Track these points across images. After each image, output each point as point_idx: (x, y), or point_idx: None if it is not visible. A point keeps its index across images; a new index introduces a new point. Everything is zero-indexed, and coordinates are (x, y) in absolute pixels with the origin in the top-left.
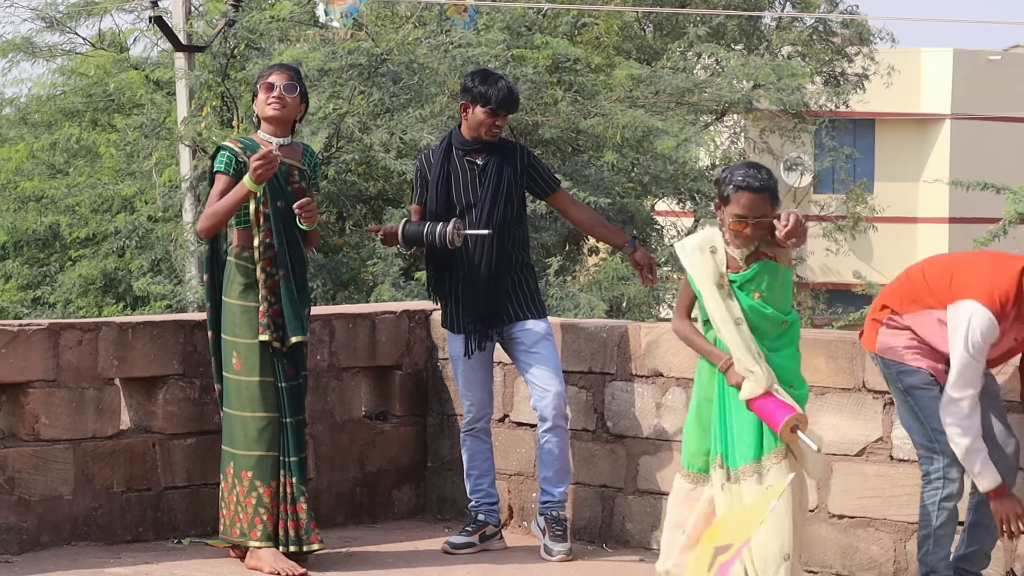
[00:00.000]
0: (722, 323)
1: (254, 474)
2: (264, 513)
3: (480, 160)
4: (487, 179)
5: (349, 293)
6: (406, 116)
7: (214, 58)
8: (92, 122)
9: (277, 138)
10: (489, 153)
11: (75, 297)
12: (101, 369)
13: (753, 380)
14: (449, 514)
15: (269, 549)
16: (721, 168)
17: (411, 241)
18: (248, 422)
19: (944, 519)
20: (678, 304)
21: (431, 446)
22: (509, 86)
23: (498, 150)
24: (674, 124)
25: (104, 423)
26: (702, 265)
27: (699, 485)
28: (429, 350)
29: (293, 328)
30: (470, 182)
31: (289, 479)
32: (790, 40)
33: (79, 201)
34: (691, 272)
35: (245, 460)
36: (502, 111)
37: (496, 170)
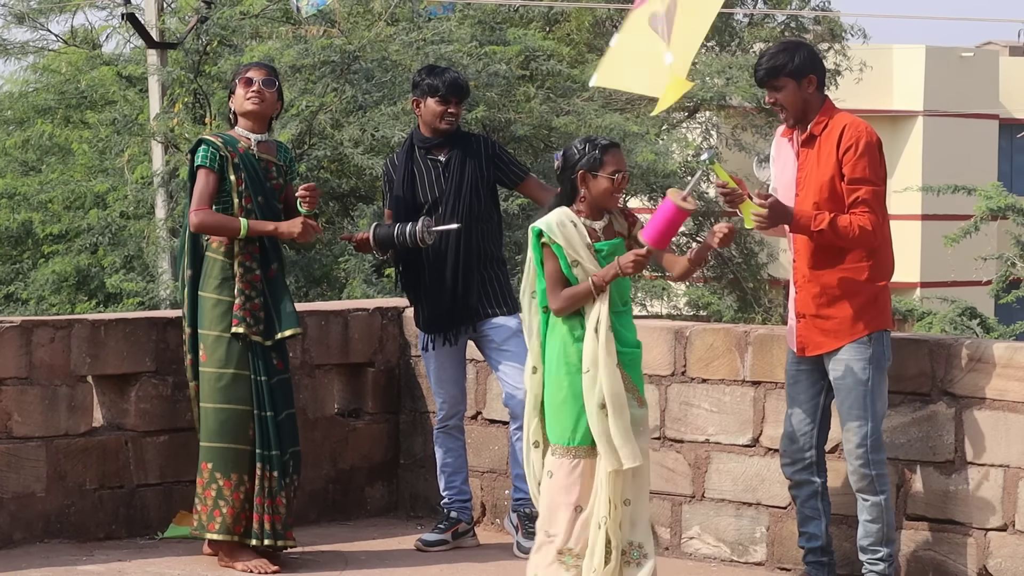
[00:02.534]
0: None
1: (213, 465)
2: (224, 506)
3: (443, 156)
4: (450, 174)
5: (322, 290)
6: (378, 113)
7: (186, 55)
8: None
9: (255, 134)
10: (451, 148)
11: (48, 294)
12: (74, 366)
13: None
14: (422, 511)
15: (236, 544)
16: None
17: (383, 244)
18: (210, 413)
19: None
20: (549, 286)
21: (404, 443)
22: (456, 74)
23: (460, 144)
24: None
25: (77, 420)
26: (575, 235)
27: (578, 459)
28: (402, 347)
29: (289, 321)
30: (434, 180)
31: (269, 473)
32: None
33: (51, 198)
34: (566, 242)
35: (205, 451)
36: (453, 98)
37: (459, 164)
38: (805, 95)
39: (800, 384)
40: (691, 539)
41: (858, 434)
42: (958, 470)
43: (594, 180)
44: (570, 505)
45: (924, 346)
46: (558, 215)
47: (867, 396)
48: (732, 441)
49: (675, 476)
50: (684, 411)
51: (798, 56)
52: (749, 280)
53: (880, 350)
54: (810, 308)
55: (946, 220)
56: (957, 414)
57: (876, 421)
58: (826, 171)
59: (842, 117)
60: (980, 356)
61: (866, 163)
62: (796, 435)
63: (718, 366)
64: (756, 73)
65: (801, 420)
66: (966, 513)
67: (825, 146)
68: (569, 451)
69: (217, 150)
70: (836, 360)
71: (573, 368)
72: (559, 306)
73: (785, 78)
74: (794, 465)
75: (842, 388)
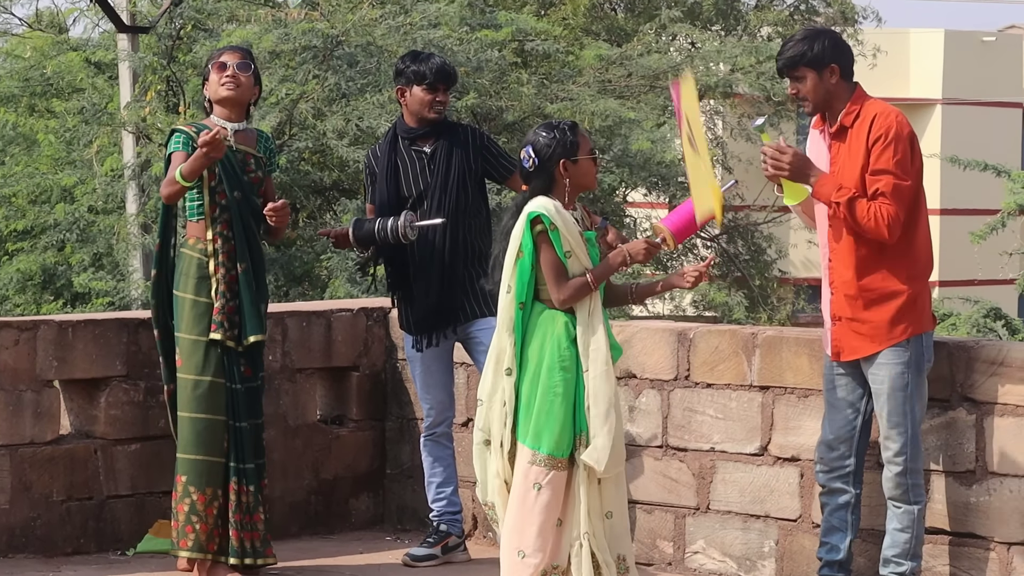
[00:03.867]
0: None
1: (188, 479)
2: (197, 522)
3: (428, 147)
4: (436, 166)
5: (303, 289)
6: (363, 102)
7: (159, 39)
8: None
9: (232, 123)
10: (437, 138)
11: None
12: (39, 370)
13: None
14: (410, 524)
15: (212, 561)
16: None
17: (363, 241)
18: (186, 423)
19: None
20: (553, 275)
21: (390, 452)
22: (443, 60)
23: (446, 134)
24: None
25: (43, 428)
26: (571, 221)
27: (563, 470)
28: (388, 350)
29: (252, 327)
30: (419, 172)
31: (245, 487)
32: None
33: (15, 192)
34: (564, 228)
35: (181, 463)
36: (440, 85)
37: (445, 155)
38: (827, 85)
39: (839, 390)
40: (695, 553)
41: (898, 441)
42: (979, 480)
43: (575, 165)
44: (554, 519)
45: (943, 349)
46: (548, 201)
47: (907, 402)
48: (739, 450)
49: (678, 487)
50: (688, 418)
51: (818, 44)
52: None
53: (919, 352)
54: (846, 311)
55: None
56: (978, 421)
57: (916, 427)
58: (856, 163)
59: (873, 105)
60: (1002, 360)
61: (891, 154)
62: (836, 443)
63: (724, 370)
64: (777, 63)
65: (841, 427)
66: (988, 526)
67: (856, 137)
68: (559, 462)
69: (190, 138)
70: (875, 364)
71: (570, 372)
72: (566, 296)
73: (805, 68)
74: (831, 473)
75: (881, 394)
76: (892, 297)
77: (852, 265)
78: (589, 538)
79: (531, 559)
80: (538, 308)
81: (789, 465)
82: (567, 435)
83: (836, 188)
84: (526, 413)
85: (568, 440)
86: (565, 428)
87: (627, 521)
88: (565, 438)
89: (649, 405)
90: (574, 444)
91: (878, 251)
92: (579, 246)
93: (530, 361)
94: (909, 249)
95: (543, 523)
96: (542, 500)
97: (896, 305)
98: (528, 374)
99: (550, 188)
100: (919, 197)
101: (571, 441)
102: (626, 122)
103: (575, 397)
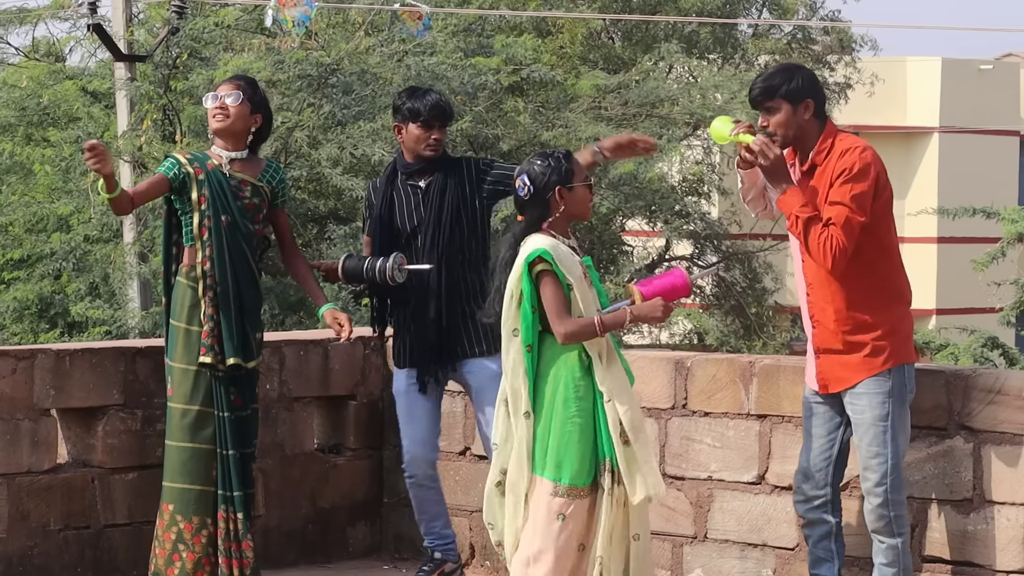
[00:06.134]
0: (586, 310)
1: (175, 507)
2: (184, 550)
3: (423, 182)
4: (430, 201)
5: (299, 317)
6: (357, 130)
7: (156, 68)
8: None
9: (229, 152)
10: (433, 174)
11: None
12: (37, 399)
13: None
14: (407, 553)
15: None
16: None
17: (352, 277)
18: (173, 452)
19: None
20: (556, 310)
21: (387, 480)
22: (439, 97)
23: (444, 169)
24: None
25: (40, 457)
26: (568, 256)
27: (585, 498)
28: (385, 378)
29: (230, 348)
30: (414, 207)
31: (234, 515)
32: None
33: (12, 220)
34: (568, 269)
35: (168, 492)
36: (436, 122)
37: (439, 191)
38: (800, 120)
39: (816, 418)
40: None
41: (877, 472)
42: (977, 509)
43: (571, 192)
44: (576, 546)
45: (940, 377)
46: (544, 239)
47: (886, 432)
48: (736, 478)
49: (676, 515)
50: (685, 446)
51: (796, 79)
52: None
53: (901, 383)
54: (829, 343)
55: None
56: (975, 449)
57: (897, 459)
58: (824, 198)
59: (843, 141)
60: (1000, 388)
61: (849, 188)
62: (811, 471)
63: (721, 398)
64: (751, 93)
65: (817, 456)
66: (985, 555)
67: (824, 174)
68: (581, 491)
69: (179, 164)
70: (854, 395)
71: (586, 401)
72: (569, 330)
73: (780, 100)
74: (808, 503)
75: (860, 424)
76: (870, 328)
77: (830, 298)
78: (603, 562)
79: None
80: (547, 342)
81: (786, 494)
82: (587, 463)
83: (801, 204)
84: (542, 447)
85: (588, 468)
86: (585, 456)
87: (650, 543)
88: (585, 466)
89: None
90: (598, 471)
91: (854, 282)
92: (579, 280)
93: (544, 398)
94: (883, 280)
95: (562, 551)
96: (567, 530)
97: (875, 335)
98: (544, 411)
99: (545, 216)
100: (888, 228)
101: (592, 468)
102: None
103: (594, 424)
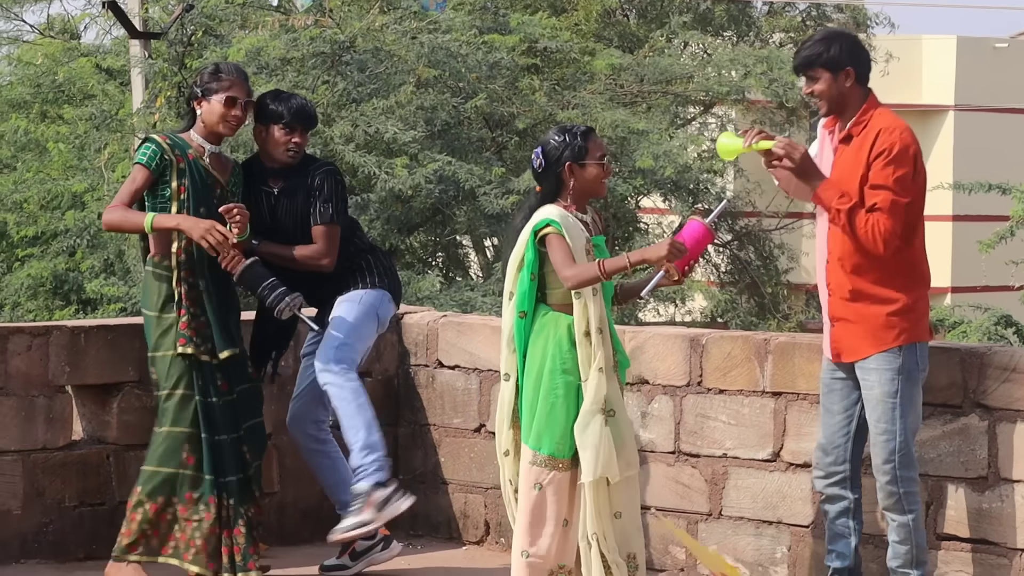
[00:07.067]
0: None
1: (143, 489)
2: (149, 529)
3: (277, 187)
4: (279, 207)
5: None
6: (370, 107)
7: (170, 46)
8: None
9: (210, 145)
10: (287, 178)
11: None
12: (52, 376)
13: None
14: (422, 529)
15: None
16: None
17: (246, 285)
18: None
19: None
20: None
21: (402, 457)
22: (304, 101)
23: (299, 174)
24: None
25: (55, 433)
26: (576, 228)
27: (565, 471)
28: (400, 356)
29: (220, 342)
30: (266, 211)
31: (225, 501)
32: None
33: (27, 198)
34: (572, 237)
35: (142, 474)
36: (298, 126)
37: (288, 196)
38: (842, 88)
39: (835, 393)
40: None
41: (885, 449)
42: (992, 487)
43: (582, 169)
44: (559, 520)
45: (955, 355)
46: (555, 209)
47: (895, 409)
48: (751, 456)
49: (691, 493)
50: (700, 424)
51: (836, 47)
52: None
53: (912, 361)
54: (842, 311)
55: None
56: (991, 427)
57: (906, 436)
58: (856, 174)
59: (880, 118)
60: (1015, 366)
61: (892, 171)
62: (829, 447)
63: (736, 376)
64: (793, 61)
65: (835, 432)
66: (1001, 533)
67: (860, 148)
68: (560, 463)
69: (161, 151)
70: (865, 368)
71: (571, 375)
72: (573, 273)
73: (820, 69)
74: (827, 479)
75: (870, 399)
76: (887, 302)
77: (849, 268)
78: (599, 539)
79: (533, 559)
80: (542, 311)
81: (801, 471)
82: (569, 437)
83: (838, 195)
84: (529, 415)
85: (570, 442)
86: (567, 430)
87: (639, 520)
88: (567, 440)
89: (661, 411)
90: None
91: (878, 261)
92: (580, 251)
93: (532, 365)
94: (906, 260)
95: (545, 523)
96: (543, 500)
97: (890, 310)
98: (531, 378)
99: (558, 190)
100: (919, 211)
101: (572, 443)
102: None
103: (578, 400)
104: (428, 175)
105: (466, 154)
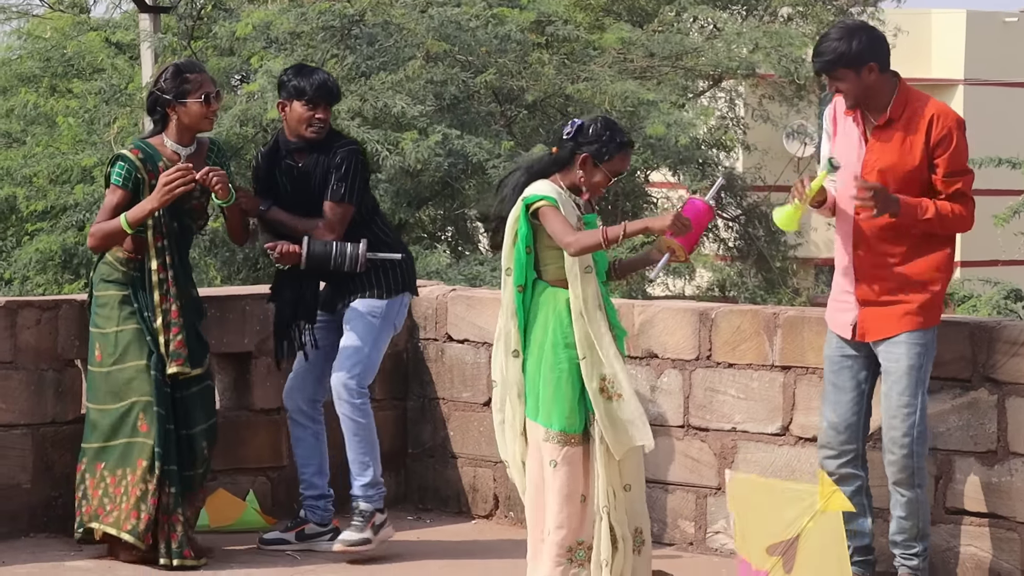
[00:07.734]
0: (581, 263)
1: (85, 466)
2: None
3: (301, 162)
4: (304, 182)
5: None
6: (378, 82)
7: (180, 20)
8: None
9: (185, 148)
10: (312, 154)
11: (33, 274)
12: (61, 350)
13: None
14: (431, 503)
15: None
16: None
17: (318, 263)
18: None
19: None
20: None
21: (412, 431)
22: (326, 76)
23: (323, 150)
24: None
25: (65, 407)
26: (569, 203)
27: (577, 446)
28: (410, 329)
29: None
30: (290, 187)
31: (167, 489)
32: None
33: (36, 172)
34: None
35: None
36: (321, 103)
37: (312, 172)
38: (867, 83)
39: (846, 371)
40: (717, 533)
41: (905, 422)
42: (1001, 461)
43: (593, 169)
44: (576, 495)
45: (964, 329)
46: (550, 186)
47: (919, 384)
48: (760, 429)
49: (700, 467)
50: (709, 398)
51: (855, 43)
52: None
53: (933, 340)
54: (877, 296)
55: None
56: (1000, 401)
57: (924, 411)
58: (909, 160)
59: (929, 105)
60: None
61: (960, 156)
62: (842, 425)
63: (745, 350)
64: (813, 64)
65: (847, 409)
66: (1010, 507)
67: (908, 133)
68: (573, 438)
69: (134, 169)
70: (892, 343)
71: (574, 349)
72: (573, 239)
73: (844, 70)
74: (840, 458)
75: (894, 372)
76: (922, 290)
77: (885, 254)
78: (609, 512)
79: (554, 536)
80: (540, 287)
81: (810, 445)
82: (578, 411)
83: (916, 206)
84: (533, 391)
85: (579, 416)
86: (575, 404)
87: (643, 494)
88: (576, 414)
89: (671, 385)
90: (587, 420)
91: (913, 249)
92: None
93: (535, 340)
94: (945, 242)
95: (563, 499)
96: (559, 476)
97: (925, 298)
98: (533, 353)
99: (565, 166)
100: None
101: (582, 417)
102: (644, 103)
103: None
104: (432, 146)
105: (475, 128)
